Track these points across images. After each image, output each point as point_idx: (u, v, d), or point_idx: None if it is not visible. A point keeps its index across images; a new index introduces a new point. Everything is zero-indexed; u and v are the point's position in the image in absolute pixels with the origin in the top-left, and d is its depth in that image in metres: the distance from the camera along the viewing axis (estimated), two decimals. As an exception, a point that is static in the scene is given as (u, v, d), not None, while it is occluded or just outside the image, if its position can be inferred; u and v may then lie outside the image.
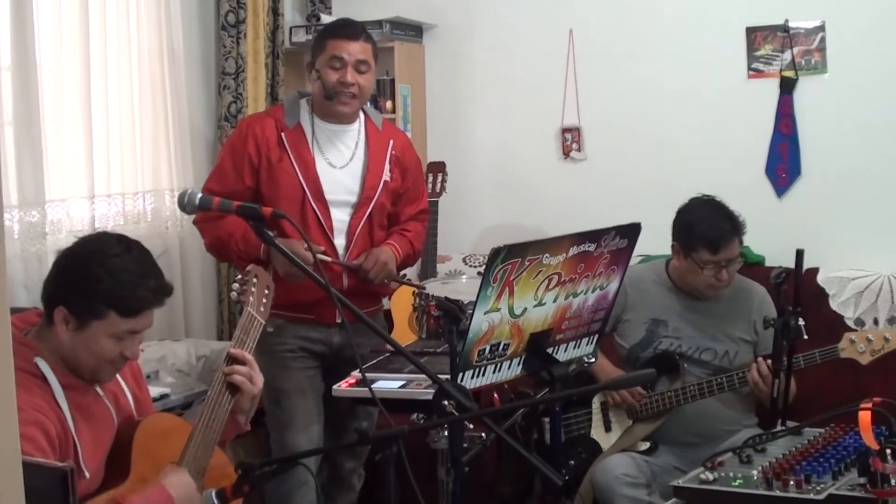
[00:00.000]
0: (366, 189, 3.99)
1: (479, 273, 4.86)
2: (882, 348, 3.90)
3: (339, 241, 3.95)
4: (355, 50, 3.94)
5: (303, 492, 3.91)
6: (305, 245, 3.56)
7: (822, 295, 4.80)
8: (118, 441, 2.85)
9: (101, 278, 2.73)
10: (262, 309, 3.12)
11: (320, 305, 3.88)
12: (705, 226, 4.03)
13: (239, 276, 3.15)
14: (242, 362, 3.00)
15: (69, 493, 1.96)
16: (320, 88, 3.93)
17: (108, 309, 2.73)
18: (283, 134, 3.94)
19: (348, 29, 3.99)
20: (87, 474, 2.72)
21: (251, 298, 3.09)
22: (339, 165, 3.99)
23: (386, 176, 4.05)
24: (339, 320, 3.92)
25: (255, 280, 3.12)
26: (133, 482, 2.77)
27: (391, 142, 4.11)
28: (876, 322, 4.67)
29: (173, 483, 2.74)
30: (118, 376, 2.96)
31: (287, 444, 3.94)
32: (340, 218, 3.96)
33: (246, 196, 3.82)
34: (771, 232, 4.99)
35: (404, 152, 4.16)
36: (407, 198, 4.18)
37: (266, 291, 3.17)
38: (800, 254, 3.58)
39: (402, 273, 4.28)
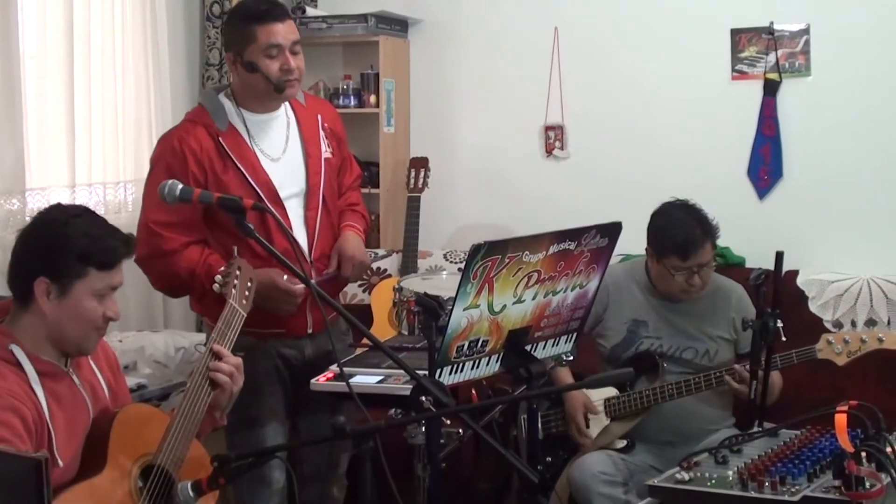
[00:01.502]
0: (311, 175, 3.73)
1: (459, 269, 4.86)
2: (858, 350, 3.90)
3: (301, 237, 3.69)
4: (288, 31, 3.59)
5: (276, 501, 3.75)
6: (285, 275, 3.48)
7: (801, 297, 4.81)
8: (95, 430, 2.84)
9: (72, 237, 2.75)
10: (244, 301, 3.12)
11: (291, 317, 3.68)
12: (675, 231, 4.01)
13: (222, 268, 3.14)
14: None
15: (43, 482, 1.96)
16: (264, 82, 3.57)
17: (86, 266, 2.75)
18: (220, 139, 3.58)
19: (274, 10, 3.60)
20: (62, 463, 2.71)
21: (233, 291, 3.08)
22: (277, 156, 3.68)
23: (326, 153, 3.79)
24: (309, 330, 3.77)
25: (237, 272, 3.11)
26: (109, 472, 2.76)
27: (319, 116, 3.84)
28: (854, 325, 4.69)
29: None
30: (94, 365, 2.96)
31: (259, 468, 3.75)
32: (297, 213, 3.70)
33: (198, 220, 3.55)
34: (751, 233, 5.02)
35: (334, 122, 3.91)
36: (344, 168, 3.96)
37: (249, 284, 3.16)
38: (779, 256, 3.58)
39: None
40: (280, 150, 3.71)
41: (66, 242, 2.75)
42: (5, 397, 2.59)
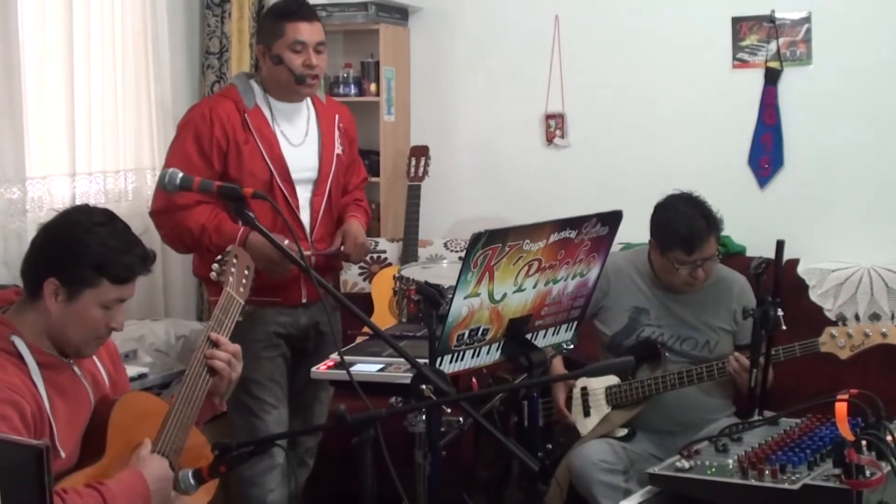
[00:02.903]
0: (323, 165, 4.05)
1: (459, 258, 4.86)
2: (862, 344, 3.91)
3: (304, 219, 4.00)
4: (314, 31, 3.95)
5: (274, 474, 3.97)
6: (286, 240, 3.55)
7: (801, 286, 4.81)
8: (94, 420, 2.84)
9: (91, 245, 2.73)
10: (241, 289, 3.13)
11: (287, 287, 3.93)
12: (680, 225, 4.00)
13: (219, 257, 3.15)
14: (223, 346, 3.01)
15: (44, 471, 1.95)
16: (287, 74, 3.92)
17: (100, 277, 2.74)
18: (245, 115, 3.92)
19: (304, 10, 3.96)
20: (63, 453, 2.71)
21: (231, 279, 3.09)
22: (297, 143, 4.02)
23: (338, 149, 4.12)
24: (304, 300, 4.02)
25: (234, 260, 3.12)
26: (109, 461, 2.76)
27: (337, 115, 4.18)
28: (857, 318, 4.68)
29: (152, 473, 2.75)
30: (94, 357, 2.96)
31: (258, 430, 3.95)
32: (304, 196, 4.01)
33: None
34: (752, 222, 5.01)
35: (349, 124, 4.26)
36: (352, 169, 4.28)
37: (246, 272, 3.17)
38: (780, 244, 3.58)
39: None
40: (300, 137, 4.05)
41: (83, 250, 2.73)
42: (4, 390, 2.58)
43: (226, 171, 3.87)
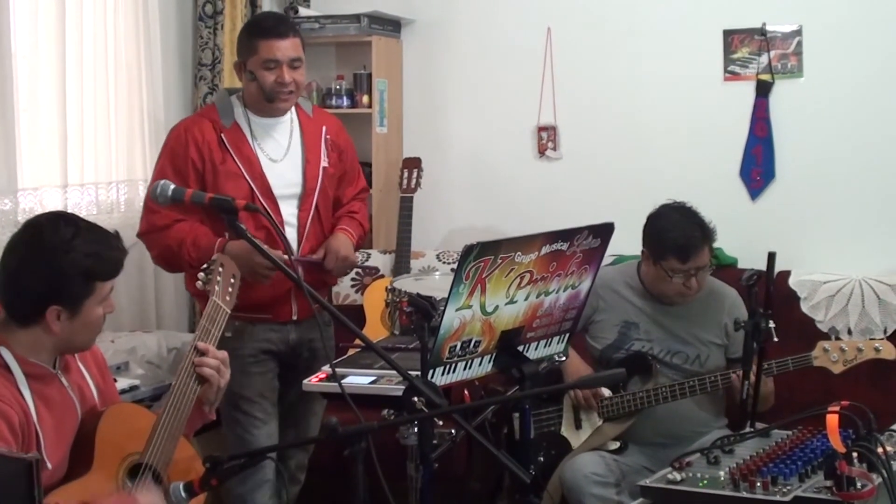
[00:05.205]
0: (308, 179, 3.99)
1: (452, 270, 4.86)
2: (855, 358, 3.92)
3: (291, 235, 3.94)
4: (287, 48, 3.87)
5: (264, 490, 3.94)
6: (265, 246, 3.56)
7: (793, 298, 4.82)
8: (81, 431, 2.83)
9: (77, 262, 2.74)
10: (227, 298, 3.11)
11: (276, 303, 3.92)
12: (675, 234, 4.01)
13: (205, 265, 3.14)
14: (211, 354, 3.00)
15: (34, 484, 1.95)
16: (258, 90, 3.89)
17: (93, 282, 2.78)
18: (222, 134, 3.89)
19: (278, 28, 3.90)
20: (50, 465, 2.70)
21: (217, 287, 3.07)
22: (278, 158, 3.97)
23: (324, 162, 4.05)
24: (294, 317, 3.99)
25: (220, 269, 3.11)
26: (96, 473, 2.75)
27: (324, 127, 4.12)
28: (849, 330, 4.69)
29: (147, 499, 2.74)
30: (82, 367, 2.97)
31: (249, 445, 3.92)
32: (289, 212, 3.95)
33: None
34: (744, 234, 5.01)
35: (338, 135, 4.18)
36: (347, 179, 4.21)
37: (232, 280, 3.16)
38: (772, 256, 3.59)
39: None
40: (281, 152, 3.99)
41: (72, 269, 2.74)
42: (-9, 400, 2.58)
43: (204, 191, 3.67)
